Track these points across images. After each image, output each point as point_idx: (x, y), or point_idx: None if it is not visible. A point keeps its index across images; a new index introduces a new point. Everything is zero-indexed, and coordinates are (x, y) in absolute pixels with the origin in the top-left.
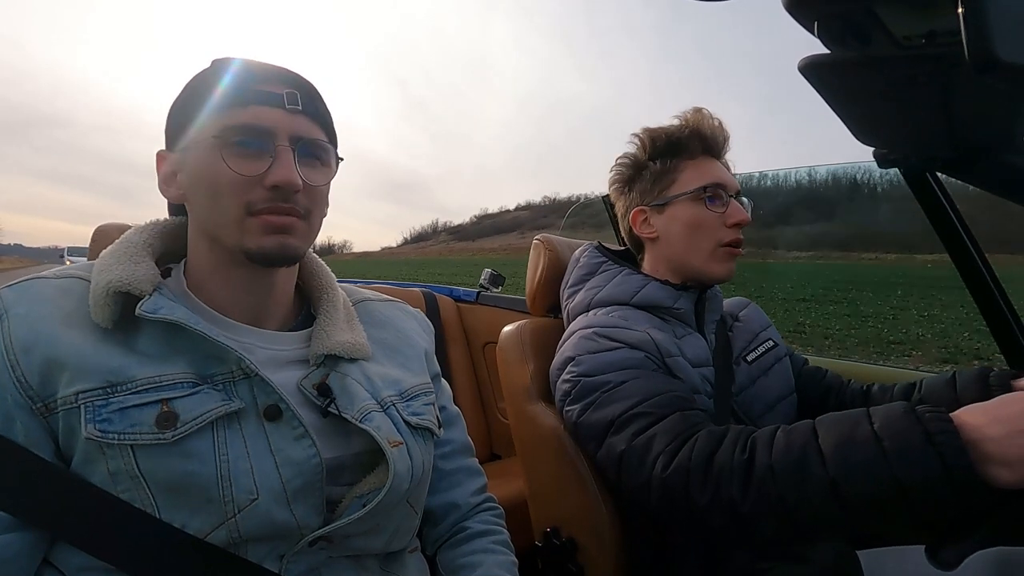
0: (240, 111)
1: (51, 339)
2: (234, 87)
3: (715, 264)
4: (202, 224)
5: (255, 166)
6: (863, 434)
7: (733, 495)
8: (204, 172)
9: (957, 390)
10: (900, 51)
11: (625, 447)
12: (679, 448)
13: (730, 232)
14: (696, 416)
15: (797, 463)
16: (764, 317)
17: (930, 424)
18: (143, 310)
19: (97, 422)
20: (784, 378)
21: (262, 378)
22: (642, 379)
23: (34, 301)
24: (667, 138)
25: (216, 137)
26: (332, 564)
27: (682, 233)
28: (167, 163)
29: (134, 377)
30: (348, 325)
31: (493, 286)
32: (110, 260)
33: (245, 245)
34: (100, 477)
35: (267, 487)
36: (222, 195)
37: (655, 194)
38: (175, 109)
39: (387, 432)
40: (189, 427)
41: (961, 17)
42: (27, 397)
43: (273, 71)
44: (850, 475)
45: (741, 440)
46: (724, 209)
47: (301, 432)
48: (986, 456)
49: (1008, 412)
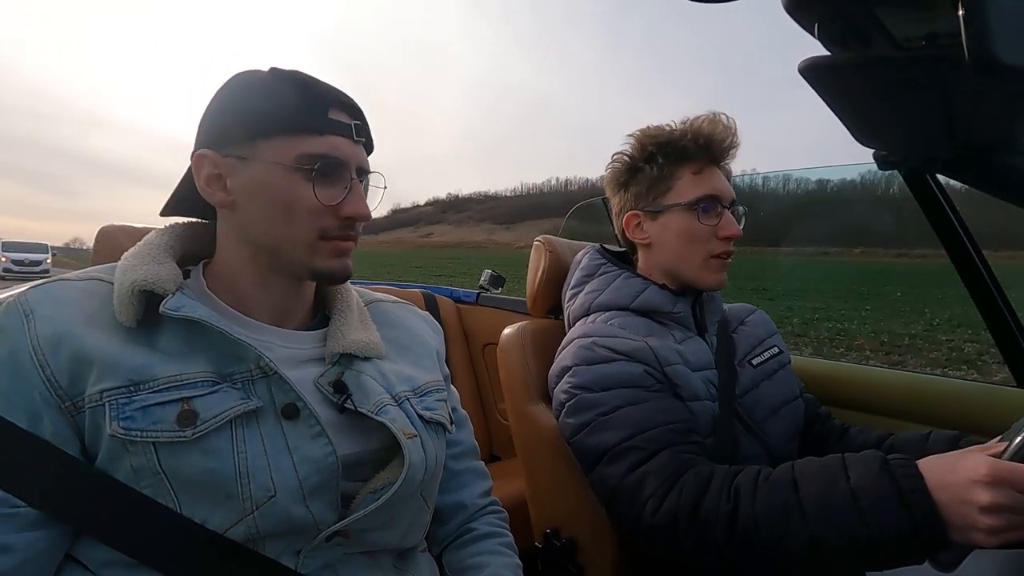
0: (318, 139)
1: (78, 339)
2: (310, 112)
3: (706, 274)
4: (255, 234)
5: (332, 195)
6: (840, 492)
7: (719, 542)
8: (278, 192)
9: (927, 444)
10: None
11: (617, 483)
12: (668, 491)
13: (721, 244)
14: (687, 452)
15: (779, 517)
16: (771, 324)
17: (903, 482)
18: (166, 308)
19: (121, 420)
20: (788, 384)
21: (280, 376)
22: (637, 405)
23: (59, 303)
24: (665, 142)
25: (296, 161)
26: (347, 561)
27: (674, 243)
28: (212, 165)
29: (156, 376)
30: (362, 325)
31: (493, 287)
32: (134, 261)
33: (314, 265)
34: (124, 473)
35: (284, 484)
36: (298, 217)
37: (649, 200)
38: (225, 112)
39: (402, 424)
40: (208, 425)
41: (961, 19)
42: (56, 396)
43: (342, 98)
44: (828, 531)
45: (726, 487)
46: (717, 221)
47: (318, 430)
48: (940, 519)
49: (953, 480)
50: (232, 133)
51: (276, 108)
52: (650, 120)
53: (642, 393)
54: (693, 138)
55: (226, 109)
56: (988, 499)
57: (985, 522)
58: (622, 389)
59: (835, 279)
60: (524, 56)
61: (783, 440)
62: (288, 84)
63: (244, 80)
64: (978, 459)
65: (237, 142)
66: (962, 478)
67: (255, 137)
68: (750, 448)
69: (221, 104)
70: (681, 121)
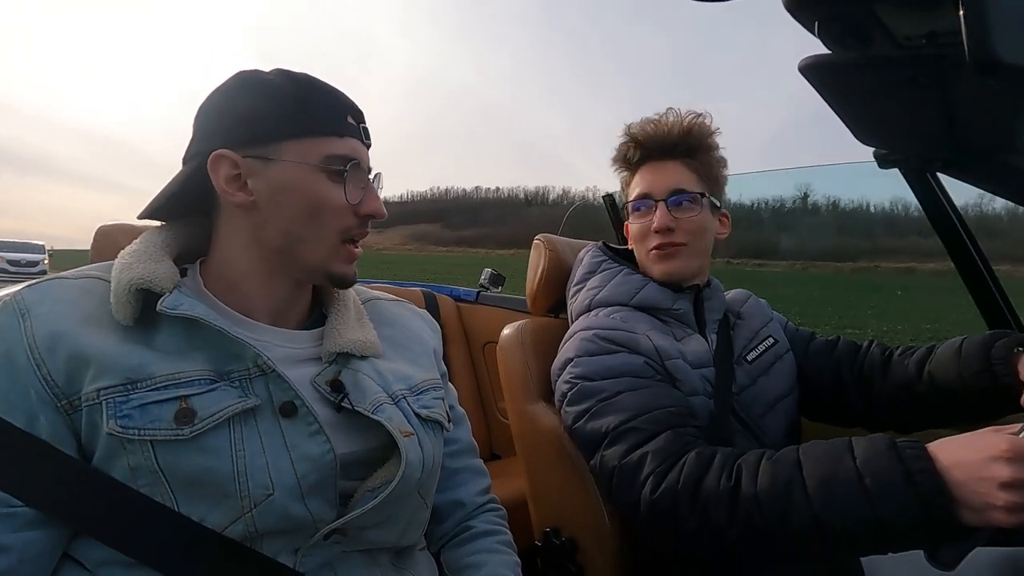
0: (339, 142)
1: (74, 337)
2: (330, 115)
3: (652, 267)
4: (272, 235)
5: (355, 194)
6: (846, 471)
7: (720, 522)
8: (306, 192)
9: (960, 359)
10: (901, 51)
11: (617, 463)
12: (668, 470)
13: (656, 237)
14: (688, 434)
15: (782, 495)
16: (766, 311)
17: (911, 463)
18: (164, 306)
19: (118, 418)
20: (785, 376)
21: (279, 374)
22: (638, 391)
23: (56, 301)
24: (617, 152)
25: (323, 162)
26: (346, 559)
27: (634, 244)
28: (232, 166)
29: (153, 374)
30: (359, 323)
31: (493, 286)
32: (131, 259)
33: (330, 269)
34: (121, 472)
35: (282, 483)
36: (324, 217)
37: (628, 203)
38: (243, 113)
39: (399, 423)
40: (206, 423)
41: (962, 18)
42: (52, 395)
43: (353, 103)
44: (832, 511)
45: (728, 466)
46: (648, 217)
47: (316, 428)
48: (952, 499)
49: (971, 458)
50: (254, 134)
51: (301, 111)
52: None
53: (644, 380)
54: (628, 143)
55: (244, 110)
56: (1009, 474)
57: (1005, 498)
58: (623, 378)
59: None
60: (410, 63)
61: (779, 436)
62: (308, 88)
63: (257, 81)
64: (996, 436)
65: (260, 143)
66: (980, 455)
67: (279, 138)
68: (746, 446)
69: (235, 105)
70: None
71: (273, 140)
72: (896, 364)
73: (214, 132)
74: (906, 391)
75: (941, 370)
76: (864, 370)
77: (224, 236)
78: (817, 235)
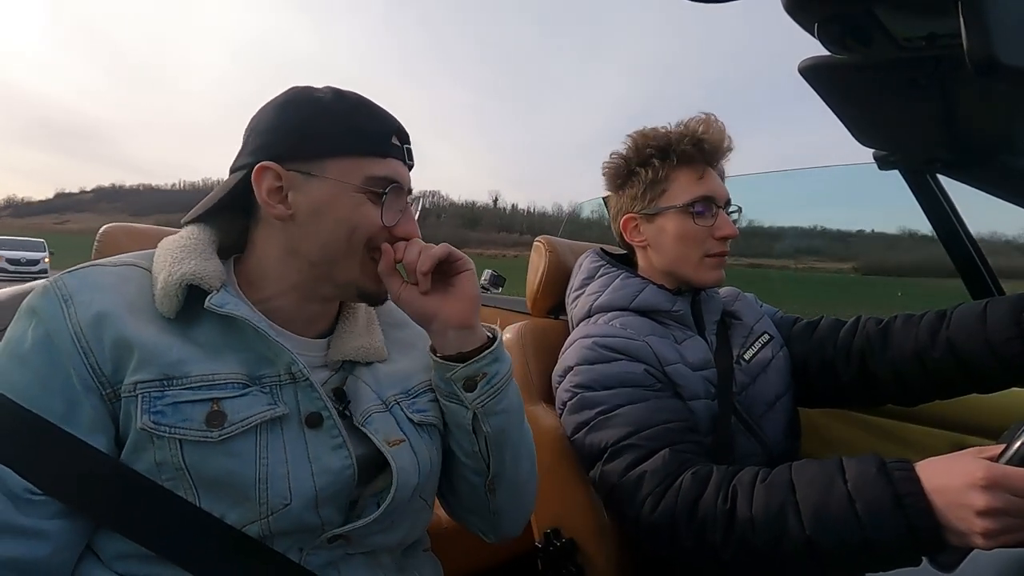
0: (382, 163)
1: (120, 326)
2: (376, 135)
3: (703, 272)
4: (309, 249)
5: (391, 216)
6: (838, 495)
7: (715, 542)
8: (343, 211)
9: (987, 325)
10: (901, 53)
11: (616, 481)
12: (665, 491)
13: (717, 244)
14: (686, 451)
15: (776, 519)
16: (756, 307)
17: (899, 485)
18: (212, 303)
19: (152, 413)
20: (782, 373)
21: (311, 383)
22: (637, 404)
23: (97, 288)
24: (660, 144)
25: (365, 182)
26: (349, 560)
27: (670, 244)
28: (275, 178)
29: (189, 373)
30: (367, 329)
31: (494, 287)
32: (181, 254)
33: (362, 286)
34: (146, 465)
35: (301, 493)
36: (357, 236)
37: (645, 202)
38: (291, 127)
39: (386, 433)
40: (235, 428)
41: (961, 20)
42: (98, 383)
43: (399, 124)
44: (825, 535)
45: (723, 487)
46: (712, 222)
47: (339, 441)
48: (937, 523)
49: (951, 484)
50: (300, 149)
51: (347, 130)
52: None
53: (643, 392)
54: (689, 140)
55: (293, 125)
56: (984, 503)
57: (981, 525)
58: (623, 388)
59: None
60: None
61: (779, 436)
62: (357, 107)
63: (308, 97)
64: (975, 463)
65: (305, 158)
66: (958, 482)
67: (324, 155)
68: (747, 446)
69: (285, 120)
70: (676, 124)
71: (318, 157)
72: (898, 333)
73: (262, 145)
74: (916, 361)
75: (963, 337)
76: (855, 346)
77: (261, 245)
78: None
